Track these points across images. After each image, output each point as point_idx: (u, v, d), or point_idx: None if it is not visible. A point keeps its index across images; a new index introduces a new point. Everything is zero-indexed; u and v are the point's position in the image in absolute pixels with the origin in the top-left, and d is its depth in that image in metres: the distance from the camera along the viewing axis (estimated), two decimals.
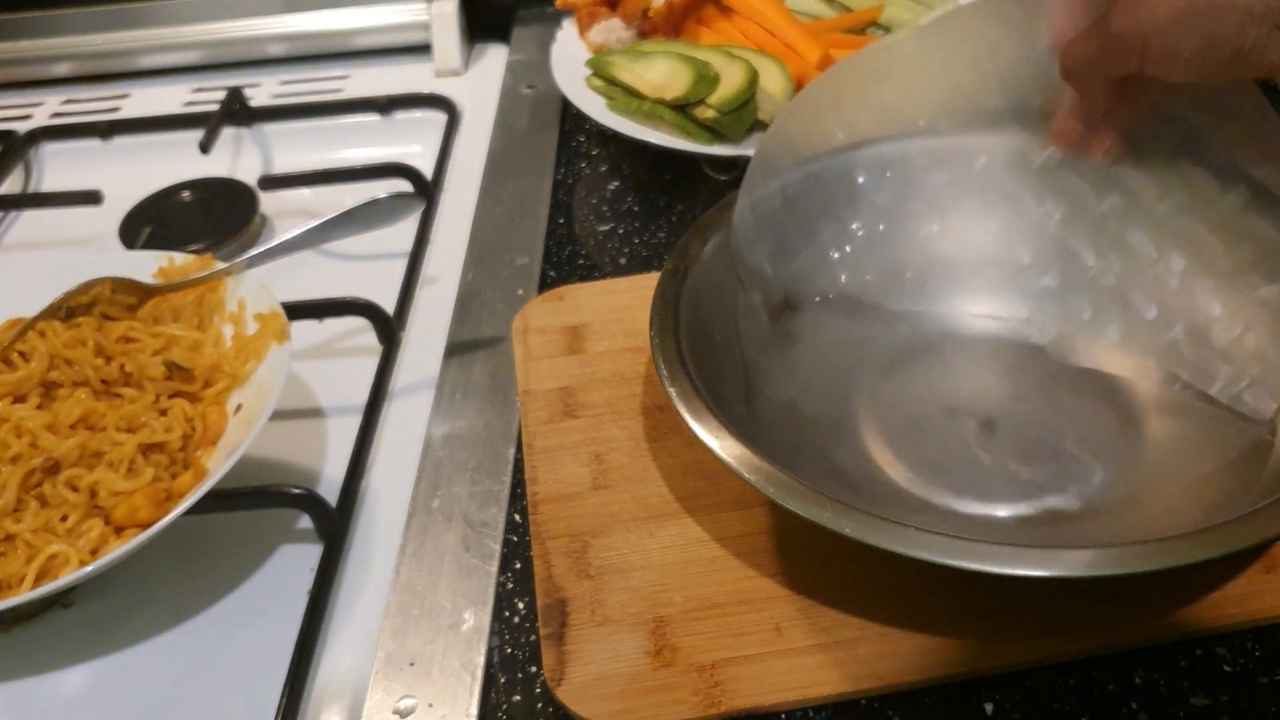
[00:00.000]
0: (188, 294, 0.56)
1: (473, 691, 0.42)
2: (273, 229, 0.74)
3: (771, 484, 0.39)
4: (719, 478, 0.47)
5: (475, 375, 0.57)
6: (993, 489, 0.46)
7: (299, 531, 0.51)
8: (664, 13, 0.76)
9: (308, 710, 0.44)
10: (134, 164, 0.81)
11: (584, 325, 0.57)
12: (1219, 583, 0.42)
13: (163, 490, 0.47)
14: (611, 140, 0.76)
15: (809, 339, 0.52)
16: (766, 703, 0.40)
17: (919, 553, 0.36)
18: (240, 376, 0.52)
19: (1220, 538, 0.36)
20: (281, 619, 0.47)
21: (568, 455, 0.50)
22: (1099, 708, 0.40)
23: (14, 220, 0.78)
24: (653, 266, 0.64)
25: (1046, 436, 0.49)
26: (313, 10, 0.91)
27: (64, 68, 0.93)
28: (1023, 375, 0.51)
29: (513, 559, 0.48)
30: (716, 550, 0.45)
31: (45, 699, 0.45)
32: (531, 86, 0.84)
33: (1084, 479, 0.46)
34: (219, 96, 0.85)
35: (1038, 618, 0.41)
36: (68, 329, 0.52)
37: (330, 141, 0.83)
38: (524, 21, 0.93)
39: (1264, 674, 0.41)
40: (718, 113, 0.65)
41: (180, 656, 0.46)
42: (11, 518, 0.46)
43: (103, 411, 0.49)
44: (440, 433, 0.54)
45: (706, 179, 0.69)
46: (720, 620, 0.42)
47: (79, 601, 0.49)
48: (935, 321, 0.53)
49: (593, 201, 0.71)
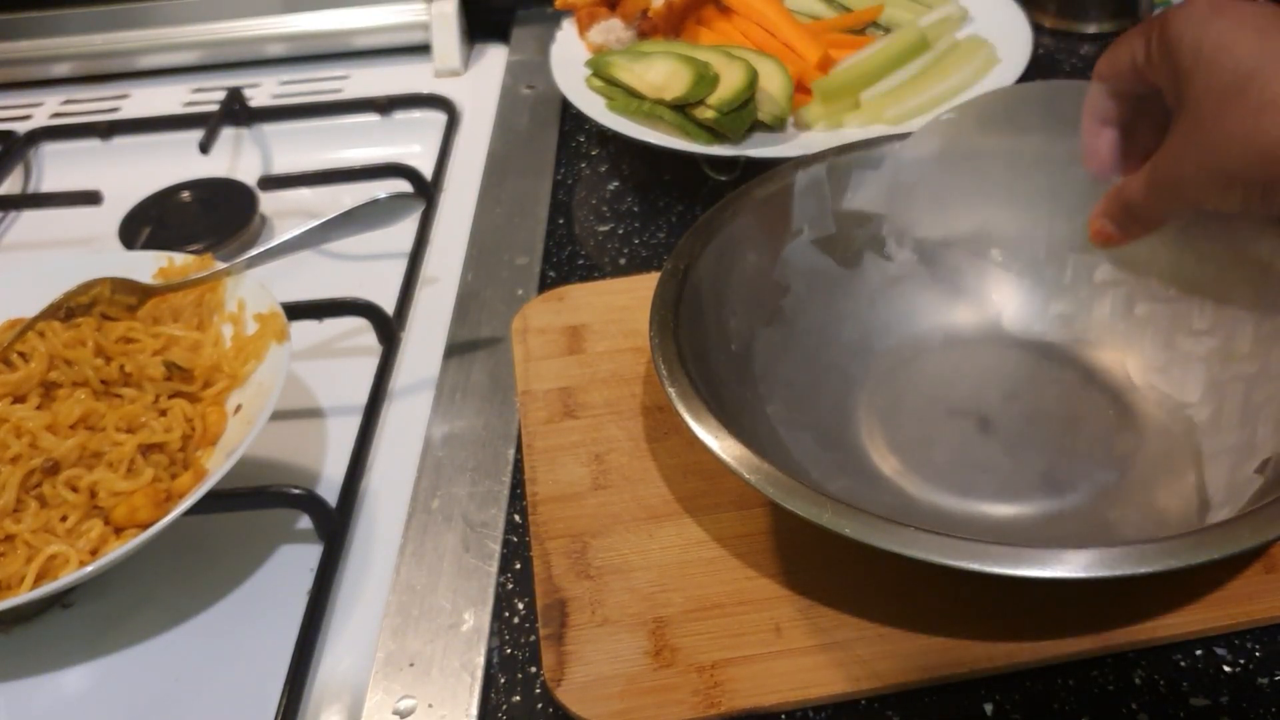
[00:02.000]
0: (187, 294, 0.56)
1: (472, 692, 0.42)
2: (272, 229, 0.74)
3: (771, 484, 0.39)
4: (719, 478, 0.47)
5: (475, 375, 0.57)
6: (992, 489, 0.46)
7: (299, 531, 0.51)
8: (664, 13, 0.76)
9: (307, 710, 0.44)
10: (134, 164, 0.81)
11: (584, 325, 0.57)
12: (1219, 583, 0.42)
13: (162, 490, 0.47)
14: (611, 140, 0.76)
15: (814, 333, 0.52)
16: (766, 703, 0.40)
17: (919, 553, 0.36)
18: (240, 377, 0.52)
19: (1220, 538, 0.36)
20: (281, 619, 0.47)
21: (567, 455, 0.50)
22: (1099, 708, 0.40)
23: (14, 220, 0.78)
24: (653, 266, 0.64)
25: (1046, 436, 0.49)
26: (313, 10, 0.91)
27: (64, 68, 0.93)
28: (1022, 375, 0.52)
29: (512, 559, 0.48)
30: (716, 550, 0.45)
31: (45, 699, 0.45)
32: (531, 87, 0.84)
33: (1084, 479, 0.46)
34: (219, 97, 0.85)
35: (1038, 618, 0.41)
36: (67, 329, 0.52)
37: (330, 141, 0.83)
38: (524, 22, 0.93)
39: (1264, 674, 0.41)
40: (717, 113, 0.65)
41: (180, 656, 0.46)
42: (11, 518, 0.46)
43: (102, 412, 0.49)
44: (440, 433, 0.54)
45: (706, 179, 0.69)
46: (720, 620, 0.42)
47: (79, 601, 0.49)
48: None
49: (592, 202, 0.71)
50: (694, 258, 0.49)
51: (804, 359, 0.52)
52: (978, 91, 0.69)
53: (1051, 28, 0.84)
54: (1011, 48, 0.72)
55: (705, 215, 0.52)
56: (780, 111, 0.67)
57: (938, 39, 0.73)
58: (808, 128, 0.69)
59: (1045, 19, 0.84)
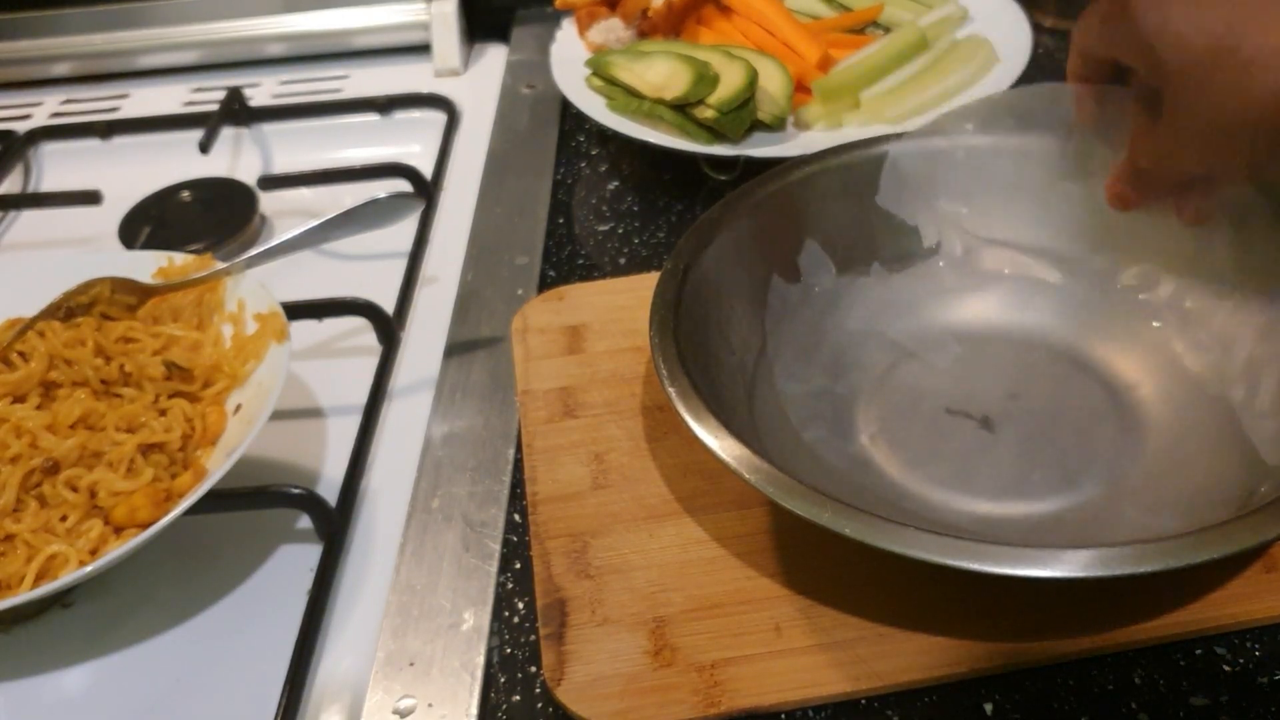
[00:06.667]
0: (187, 294, 0.56)
1: (472, 691, 0.42)
2: (272, 229, 0.74)
3: (771, 484, 0.39)
4: (719, 478, 0.47)
5: (475, 375, 0.57)
6: (993, 489, 0.46)
7: (299, 531, 0.51)
8: (664, 13, 0.76)
9: (307, 710, 0.44)
10: (133, 164, 0.81)
11: (584, 325, 0.57)
12: (1219, 583, 0.42)
13: (162, 490, 0.47)
14: (611, 140, 0.76)
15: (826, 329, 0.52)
16: (766, 703, 0.40)
17: (919, 553, 0.36)
18: (240, 376, 0.52)
19: (1220, 538, 0.36)
20: (281, 619, 0.47)
21: (567, 455, 0.50)
22: (1098, 708, 0.40)
23: (13, 220, 0.78)
24: (653, 266, 0.64)
25: (1047, 436, 0.49)
26: (313, 10, 0.91)
27: (64, 68, 0.93)
28: (1023, 375, 0.51)
29: (512, 559, 0.48)
30: (716, 550, 0.45)
31: (45, 699, 0.45)
32: (531, 86, 0.84)
33: (1085, 479, 0.46)
34: (219, 96, 0.85)
35: (1038, 618, 0.41)
36: (67, 329, 0.52)
37: (330, 141, 0.83)
38: (523, 21, 0.93)
39: (1264, 674, 0.41)
40: (717, 113, 0.65)
41: (180, 656, 0.46)
42: (11, 518, 0.46)
43: (102, 411, 0.49)
44: (440, 433, 0.54)
45: (706, 179, 0.69)
46: (720, 620, 0.42)
47: (79, 601, 0.49)
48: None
49: (592, 201, 0.71)
50: (694, 258, 0.49)
51: (805, 358, 0.52)
52: (978, 91, 0.69)
53: (1051, 27, 0.84)
54: (1011, 47, 0.72)
55: (705, 215, 0.52)
56: (780, 111, 0.67)
57: (937, 39, 0.73)
58: (808, 127, 0.69)
59: (1045, 18, 0.84)
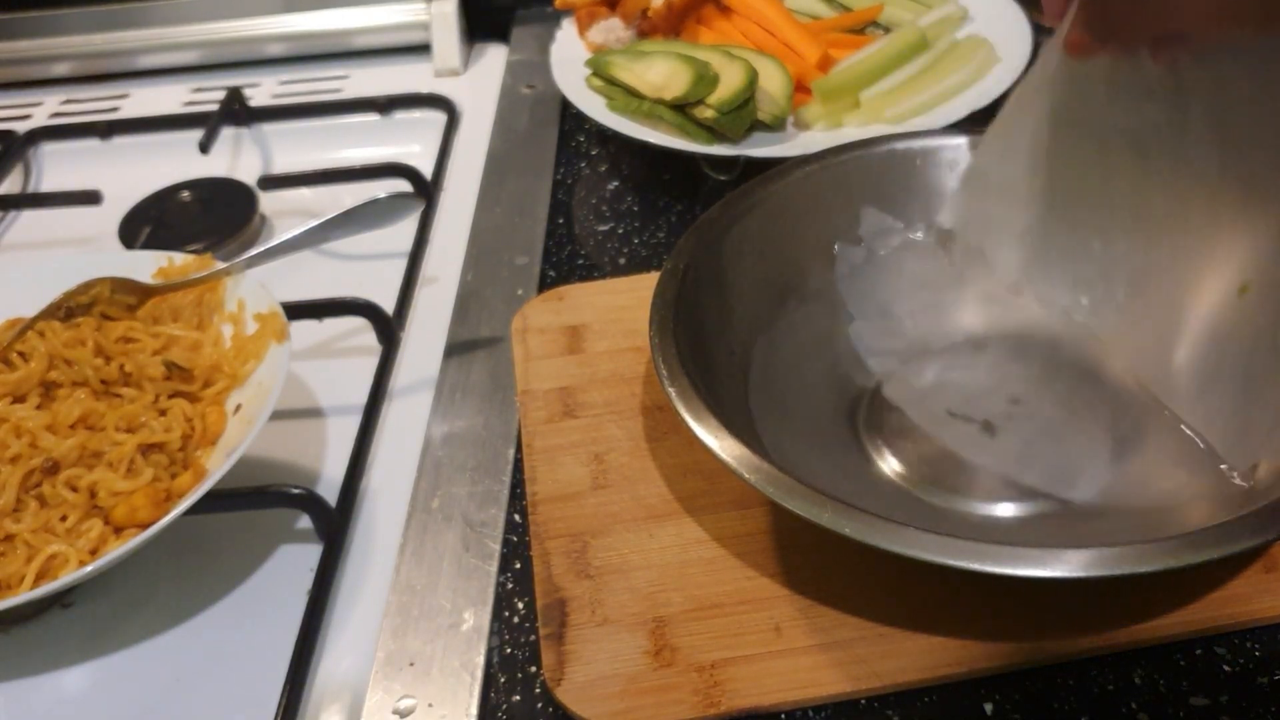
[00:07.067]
0: (187, 294, 0.56)
1: (472, 691, 0.42)
2: (272, 229, 0.74)
3: (771, 484, 0.39)
4: (719, 478, 0.47)
5: (475, 375, 0.57)
6: (993, 490, 0.46)
7: (299, 531, 0.51)
8: (663, 13, 0.76)
9: (307, 710, 0.44)
10: (133, 164, 0.81)
11: (583, 325, 0.57)
12: (1219, 583, 0.42)
13: (162, 490, 0.47)
14: (611, 140, 0.76)
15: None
16: (766, 703, 0.40)
17: (919, 553, 0.36)
18: (240, 376, 0.52)
19: (1220, 538, 0.36)
20: (281, 619, 0.47)
21: (567, 455, 0.50)
22: (1098, 708, 0.40)
23: (13, 220, 0.78)
24: (652, 266, 0.64)
25: (1047, 437, 0.49)
26: (312, 10, 0.91)
27: (63, 68, 0.93)
28: (1023, 377, 0.51)
29: (512, 559, 0.48)
30: (716, 550, 0.45)
31: (45, 699, 0.45)
32: (531, 86, 0.84)
33: (1084, 480, 0.46)
34: (218, 96, 0.85)
35: (1038, 618, 0.41)
36: (67, 329, 0.52)
37: (330, 141, 0.83)
38: (523, 21, 0.93)
39: (1264, 674, 0.41)
40: (717, 113, 0.65)
41: (180, 656, 0.46)
42: (11, 518, 0.46)
43: (102, 411, 0.49)
44: (440, 433, 0.54)
45: (706, 179, 0.69)
46: (720, 620, 0.42)
47: (79, 601, 0.49)
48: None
49: (592, 201, 0.71)
50: (694, 258, 0.49)
51: (806, 357, 0.52)
52: (978, 91, 0.69)
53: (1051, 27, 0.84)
54: (1011, 47, 0.72)
55: (705, 215, 0.52)
56: (780, 111, 0.67)
57: (937, 38, 0.73)
58: (807, 127, 0.69)
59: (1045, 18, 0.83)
